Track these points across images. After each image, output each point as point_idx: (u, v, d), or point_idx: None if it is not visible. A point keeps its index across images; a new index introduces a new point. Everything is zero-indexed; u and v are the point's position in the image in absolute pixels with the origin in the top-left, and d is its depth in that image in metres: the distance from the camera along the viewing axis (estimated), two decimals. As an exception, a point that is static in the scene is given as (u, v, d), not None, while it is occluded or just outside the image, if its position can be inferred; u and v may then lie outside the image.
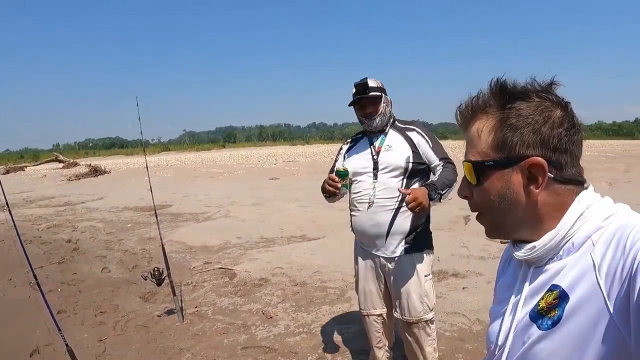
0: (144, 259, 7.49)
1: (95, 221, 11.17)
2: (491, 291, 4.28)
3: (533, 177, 1.02)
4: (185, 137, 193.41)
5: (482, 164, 1.06)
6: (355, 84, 3.24)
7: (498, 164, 1.05)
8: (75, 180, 22.35)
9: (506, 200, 1.06)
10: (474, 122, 1.10)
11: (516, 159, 1.03)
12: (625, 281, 0.87)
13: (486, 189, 1.07)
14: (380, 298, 3.40)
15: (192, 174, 23.27)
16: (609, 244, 0.94)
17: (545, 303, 1.03)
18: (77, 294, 5.91)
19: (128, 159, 41.99)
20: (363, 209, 3.23)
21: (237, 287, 6.02)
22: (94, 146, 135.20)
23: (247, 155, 39.37)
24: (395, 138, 3.26)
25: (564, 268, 1.02)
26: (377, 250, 3.26)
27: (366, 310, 3.45)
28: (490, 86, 1.08)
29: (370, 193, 3.19)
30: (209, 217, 11.44)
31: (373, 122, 3.24)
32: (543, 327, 1.01)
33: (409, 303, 3.20)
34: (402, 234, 3.18)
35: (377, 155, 3.24)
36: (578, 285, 0.97)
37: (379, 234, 3.20)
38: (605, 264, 0.93)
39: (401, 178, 3.17)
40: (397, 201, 3.15)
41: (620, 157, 23.99)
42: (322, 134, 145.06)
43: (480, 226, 4.08)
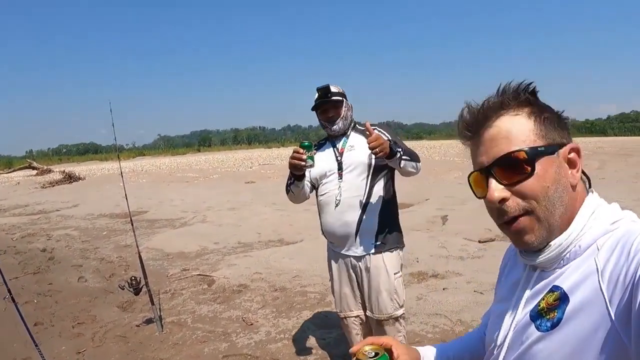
0: (120, 267, 7.42)
1: (70, 229, 11.02)
2: (471, 291, 4.37)
3: (572, 162, 1.06)
4: (160, 141, 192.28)
5: (536, 149, 1.03)
6: (318, 89, 3.33)
7: (549, 150, 1.04)
8: (49, 187, 22.08)
9: (560, 185, 1.04)
10: (501, 118, 1.07)
11: (559, 145, 1.05)
12: (628, 287, 0.88)
13: (541, 175, 1.02)
14: (356, 299, 3.47)
15: (168, 179, 23.18)
16: (613, 249, 0.96)
17: (545, 304, 1.04)
18: (54, 305, 5.83)
19: (102, 165, 41.64)
20: (330, 210, 3.31)
21: (216, 293, 5.99)
22: (68, 152, 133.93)
23: (222, 159, 39.25)
24: (357, 139, 3.34)
25: (567, 270, 1.03)
26: (347, 250, 3.34)
27: (343, 313, 3.52)
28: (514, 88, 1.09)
29: (337, 193, 3.28)
30: (185, 222, 11.38)
31: (335, 126, 3.32)
32: (542, 328, 1.02)
33: (379, 301, 3.28)
34: (371, 232, 3.27)
35: (340, 156, 3.34)
36: (579, 288, 0.97)
37: (348, 234, 3.27)
38: (608, 269, 0.94)
39: (366, 175, 3.26)
40: (363, 199, 3.24)
41: (594, 154, 24.32)
42: (297, 137, 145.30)
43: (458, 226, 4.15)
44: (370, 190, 3.28)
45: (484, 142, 1.08)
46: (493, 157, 1.05)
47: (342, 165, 3.31)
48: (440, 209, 10.97)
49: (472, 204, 11.13)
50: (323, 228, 3.46)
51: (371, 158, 3.23)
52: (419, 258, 6.89)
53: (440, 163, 23.36)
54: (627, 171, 17.36)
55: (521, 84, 1.08)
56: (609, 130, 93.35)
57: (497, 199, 1.03)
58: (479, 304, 5.01)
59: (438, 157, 27.41)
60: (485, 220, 6.23)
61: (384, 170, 3.33)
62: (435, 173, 19.22)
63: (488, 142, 1.07)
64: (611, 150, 28.17)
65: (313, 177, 3.43)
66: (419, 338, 4.45)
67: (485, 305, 4.94)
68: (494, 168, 1.05)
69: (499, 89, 1.10)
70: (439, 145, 44.63)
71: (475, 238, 7.99)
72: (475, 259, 6.82)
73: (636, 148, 31.21)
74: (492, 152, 1.05)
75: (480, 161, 1.08)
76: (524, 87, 1.08)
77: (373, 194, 3.29)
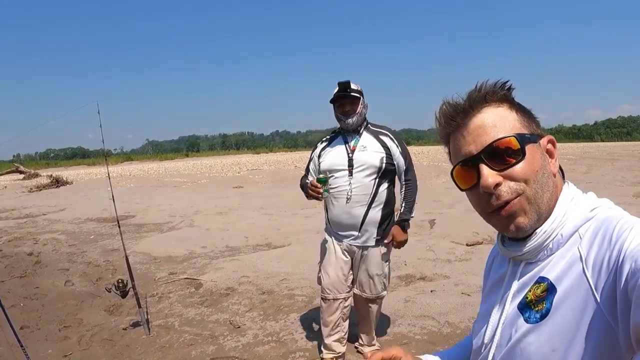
0: (107, 271, 7.37)
1: (57, 233, 10.94)
2: (459, 293, 4.42)
3: (550, 152, 1.11)
4: (148, 146, 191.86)
5: (524, 135, 1.06)
6: (339, 83, 3.63)
7: (533, 137, 1.08)
8: (36, 191, 21.92)
9: (546, 171, 1.07)
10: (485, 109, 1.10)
11: (539, 135, 1.10)
12: (611, 272, 0.90)
13: (530, 160, 1.05)
14: (346, 283, 3.87)
15: (155, 183, 23.10)
16: (595, 236, 0.98)
17: (533, 295, 1.05)
18: (40, 309, 5.78)
19: (90, 169, 41.52)
20: (341, 203, 3.69)
21: (203, 297, 5.97)
22: (55, 156, 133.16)
23: (210, 164, 39.27)
24: (369, 140, 3.70)
25: (551, 261, 1.05)
26: (350, 239, 3.76)
27: (332, 295, 3.85)
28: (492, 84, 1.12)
29: (348, 189, 3.64)
30: (173, 227, 11.33)
31: (350, 119, 3.65)
32: (531, 320, 1.03)
33: (371, 283, 3.83)
34: (374, 224, 3.71)
35: (352, 153, 3.67)
36: (565, 277, 0.99)
37: (354, 225, 3.69)
38: (592, 256, 0.96)
39: (374, 177, 3.64)
40: (370, 197, 3.66)
41: (581, 159, 24.55)
42: (285, 142, 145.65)
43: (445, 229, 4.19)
44: (377, 190, 3.68)
45: (470, 132, 1.10)
46: (482, 144, 1.06)
47: (353, 163, 3.65)
48: (429, 213, 10.99)
49: (460, 208, 11.20)
50: (330, 217, 3.83)
51: (382, 162, 3.63)
52: (406, 261, 6.92)
53: (428, 168, 23.45)
54: (613, 175, 17.56)
55: (498, 82, 1.12)
56: (596, 135, 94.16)
57: (492, 184, 1.04)
58: (466, 306, 5.05)
59: (426, 162, 27.55)
60: (473, 223, 6.31)
61: (389, 174, 3.74)
62: (423, 178, 19.26)
63: (475, 130, 1.09)
64: (598, 155, 28.46)
65: (322, 169, 3.78)
66: (406, 340, 4.46)
67: (473, 307, 5.00)
68: (484, 155, 1.06)
69: (477, 86, 1.12)
70: (427, 151, 44.86)
71: (462, 241, 8.02)
72: (463, 262, 6.86)
73: (622, 153, 31.56)
74: (481, 140, 1.07)
75: (468, 150, 1.09)
76: (501, 84, 1.12)
77: (379, 193, 3.69)
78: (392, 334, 4.60)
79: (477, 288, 5.56)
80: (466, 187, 1.12)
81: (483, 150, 1.06)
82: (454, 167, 1.14)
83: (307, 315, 5.14)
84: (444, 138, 1.19)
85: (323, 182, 3.53)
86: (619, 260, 0.88)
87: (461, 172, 1.12)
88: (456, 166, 1.13)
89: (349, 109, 3.65)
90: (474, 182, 1.08)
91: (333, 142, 3.85)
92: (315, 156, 3.95)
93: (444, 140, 1.20)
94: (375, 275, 3.79)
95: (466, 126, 1.10)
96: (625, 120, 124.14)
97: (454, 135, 1.15)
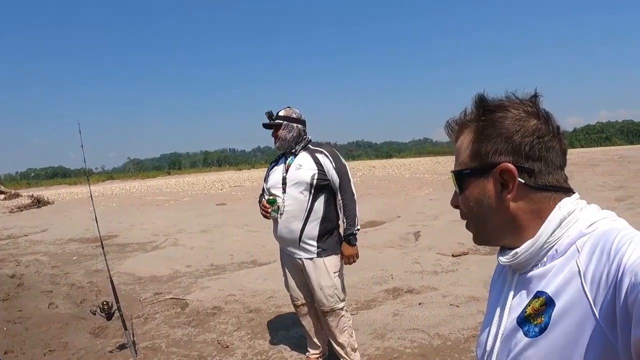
0: (92, 293, 7.29)
1: (39, 254, 10.79)
2: (447, 305, 4.45)
3: (505, 183, 1.07)
4: (130, 164, 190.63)
5: (461, 172, 1.14)
6: (265, 112, 4.07)
7: (474, 172, 1.11)
8: (17, 212, 21.69)
9: (483, 207, 1.11)
10: (460, 136, 1.18)
11: (489, 166, 1.08)
12: (610, 287, 0.89)
13: (466, 196, 1.14)
14: (304, 290, 4.16)
15: (138, 202, 22.97)
16: (594, 250, 0.97)
17: (531, 309, 1.04)
18: (24, 332, 5.69)
19: (71, 189, 41.24)
20: (280, 218, 3.94)
21: (190, 317, 5.91)
22: (36, 176, 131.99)
23: (193, 181, 39.18)
24: (304, 158, 3.97)
25: (548, 274, 1.04)
26: (294, 252, 3.99)
27: (295, 301, 4.27)
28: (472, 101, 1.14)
29: (281, 204, 3.91)
30: (156, 246, 11.25)
31: (277, 144, 4.06)
32: (530, 334, 1.03)
33: (321, 296, 3.93)
34: (312, 238, 3.90)
35: (286, 172, 3.97)
36: (564, 291, 0.98)
37: (293, 239, 3.93)
38: (590, 271, 0.95)
39: (308, 193, 3.87)
40: (306, 212, 3.88)
41: (561, 167, 24.73)
42: (267, 158, 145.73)
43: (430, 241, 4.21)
44: (312, 205, 3.88)
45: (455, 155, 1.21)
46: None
47: (287, 181, 3.93)
48: (413, 225, 11.02)
49: (444, 219, 11.24)
50: (275, 234, 4.10)
51: (313, 178, 3.85)
52: (393, 275, 6.91)
53: (411, 180, 23.53)
54: (594, 180, 17.80)
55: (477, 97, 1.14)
56: (575, 142, 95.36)
57: (452, 205, 1.22)
58: (455, 317, 5.04)
59: (408, 175, 27.63)
60: (458, 234, 6.32)
61: (324, 189, 3.93)
62: (406, 190, 19.35)
63: (455, 154, 1.20)
64: (579, 161, 28.74)
65: (267, 188, 4.14)
66: (397, 354, 4.44)
67: (462, 318, 5.00)
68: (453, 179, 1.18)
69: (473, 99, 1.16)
70: (409, 163, 45.05)
71: (448, 252, 8.05)
72: (450, 273, 6.86)
73: (602, 158, 31.97)
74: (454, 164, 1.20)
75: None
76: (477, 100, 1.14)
77: (314, 208, 3.89)
78: (382, 348, 4.58)
79: (465, 299, 5.57)
80: None
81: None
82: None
83: (296, 332, 5.10)
84: None
85: (272, 203, 3.89)
86: (618, 274, 0.87)
87: None
88: None
89: (274, 134, 4.05)
90: None
91: (278, 162, 4.19)
92: (265, 176, 4.30)
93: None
94: (324, 287, 3.91)
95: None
96: (604, 126, 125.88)
97: None
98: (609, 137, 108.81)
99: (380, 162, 63.86)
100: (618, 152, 41.45)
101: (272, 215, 3.90)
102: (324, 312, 3.99)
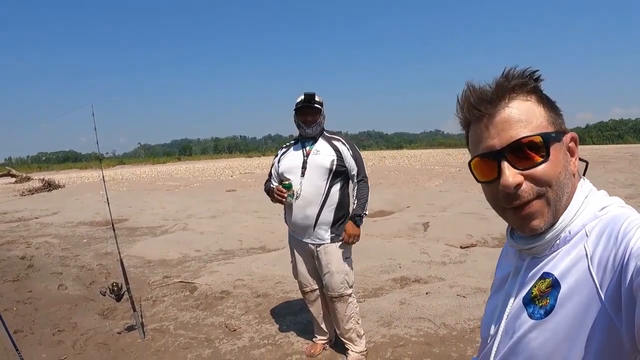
0: (101, 275, 7.33)
1: (49, 237, 10.85)
2: (454, 295, 4.45)
3: (572, 150, 1.09)
4: (141, 150, 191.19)
5: (550, 135, 1.03)
6: (305, 93, 3.96)
7: (558, 136, 1.05)
8: (28, 195, 21.80)
9: (567, 172, 1.06)
10: (513, 101, 1.06)
11: (563, 132, 1.07)
12: (617, 271, 0.90)
13: (554, 161, 1.02)
14: (313, 277, 4.21)
15: (148, 187, 23.05)
16: (602, 234, 0.97)
17: (537, 291, 1.05)
18: (34, 313, 5.75)
19: (82, 173, 41.41)
20: (295, 204, 3.92)
21: (198, 300, 5.95)
22: (47, 160, 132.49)
23: (203, 168, 39.23)
24: (323, 145, 4.00)
25: (556, 256, 1.04)
26: (307, 238, 4.01)
27: (303, 288, 4.29)
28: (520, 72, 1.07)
29: (298, 188, 3.89)
30: (166, 230, 11.30)
31: (309, 129, 3.97)
32: (535, 316, 1.03)
33: (332, 281, 3.96)
34: (327, 224, 3.93)
35: (307, 157, 3.97)
36: (570, 273, 0.99)
37: (308, 225, 3.93)
38: (597, 254, 0.95)
39: (326, 178, 3.90)
40: (322, 197, 3.90)
41: (572, 162, 24.56)
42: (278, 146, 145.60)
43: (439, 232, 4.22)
44: (329, 190, 3.92)
45: (495, 124, 1.05)
46: (507, 140, 1.03)
47: (307, 165, 3.93)
48: (422, 216, 11.00)
49: (453, 211, 11.22)
50: (287, 218, 4.12)
51: (333, 164, 3.90)
52: (401, 264, 6.91)
53: (421, 171, 23.51)
54: (605, 177, 17.64)
55: (526, 70, 1.07)
56: (588, 138, 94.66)
57: (512, 184, 1.01)
58: (462, 308, 5.04)
59: (419, 166, 27.62)
60: (466, 226, 6.32)
61: (341, 175, 3.98)
62: (416, 181, 19.34)
63: (500, 124, 1.05)
64: (590, 157, 27.84)
65: (280, 172, 4.10)
66: (403, 342, 4.45)
67: (468, 309, 5.00)
68: (507, 152, 1.03)
69: (504, 73, 1.07)
70: (420, 154, 45.00)
71: (456, 244, 8.04)
72: (457, 264, 6.86)
73: (614, 155, 31.73)
74: (506, 135, 1.04)
75: (491, 144, 1.05)
76: (530, 73, 1.07)
77: (331, 193, 3.93)
78: (388, 336, 4.59)
79: (472, 290, 5.57)
80: (484, 180, 1.10)
81: (507, 147, 1.03)
82: (472, 158, 1.11)
83: (303, 318, 5.12)
84: (464, 123, 1.15)
85: (288, 188, 3.86)
86: (625, 258, 0.88)
87: (480, 165, 1.10)
88: (475, 157, 1.10)
89: (311, 119, 3.97)
90: (493, 176, 1.06)
91: (291, 148, 4.16)
92: (276, 161, 4.27)
93: (463, 125, 1.16)
94: (334, 272, 3.94)
95: (491, 117, 1.06)
96: (617, 123, 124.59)
97: (476, 124, 1.11)
98: (622, 134, 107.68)
99: (390, 152, 63.74)
100: (630, 150, 41.10)
101: (287, 201, 3.87)
102: (333, 297, 4.02)
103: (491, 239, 8.35)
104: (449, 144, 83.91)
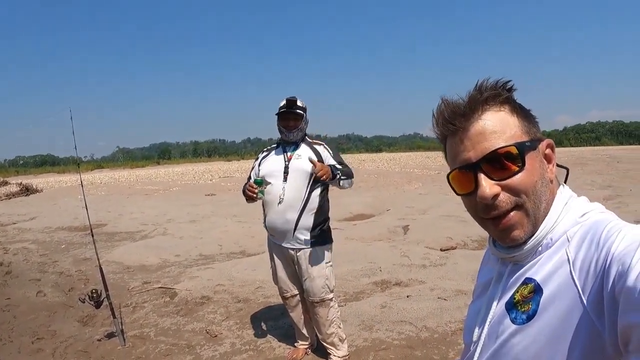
0: (80, 281, 7.26)
1: (27, 242, 10.74)
2: (435, 298, 4.47)
3: (548, 157, 1.10)
4: (119, 153, 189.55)
5: (524, 144, 1.04)
6: (287, 99, 4.00)
7: (533, 145, 1.06)
8: (5, 199, 21.56)
9: (544, 180, 1.07)
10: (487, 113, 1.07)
11: (538, 140, 1.08)
12: (599, 275, 0.91)
13: (530, 170, 1.03)
14: (293, 282, 4.19)
15: (127, 191, 22.90)
16: (583, 240, 0.99)
17: (520, 296, 1.06)
18: (12, 320, 5.67)
19: (60, 177, 40.98)
20: (274, 207, 3.90)
21: (178, 306, 5.92)
22: (25, 164, 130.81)
23: (182, 171, 39.05)
24: (304, 150, 4.01)
25: (538, 262, 1.05)
26: (286, 243, 3.97)
27: (283, 294, 4.27)
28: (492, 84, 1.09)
29: (281, 192, 3.87)
30: (145, 235, 11.23)
31: (291, 134, 4.00)
32: (517, 321, 1.04)
33: (312, 285, 3.96)
34: (307, 228, 3.90)
35: (288, 161, 3.97)
36: (552, 279, 1.00)
37: (288, 229, 3.90)
38: (579, 259, 0.97)
39: (307, 183, 3.88)
40: (303, 202, 3.87)
41: (550, 164, 24.84)
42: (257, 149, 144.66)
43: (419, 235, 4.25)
44: (309, 195, 3.90)
45: (470, 137, 1.07)
46: (482, 152, 1.04)
47: (289, 170, 3.92)
48: (402, 219, 11.04)
49: (433, 214, 11.28)
50: (267, 222, 4.06)
51: (314, 169, 3.77)
52: (382, 267, 6.94)
53: (401, 174, 23.62)
54: (583, 179, 17.89)
55: (499, 81, 1.09)
56: (565, 141, 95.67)
57: (489, 196, 1.03)
58: (443, 311, 5.07)
59: (398, 169, 27.74)
60: (446, 229, 6.36)
61: (321, 181, 3.87)
62: (395, 184, 19.43)
63: (475, 136, 1.06)
64: (567, 160, 28.90)
65: (260, 175, 4.03)
66: (384, 345, 4.47)
67: (449, 312, 5.03)
68: (483, 164, 1.04)
69: (477, 85, 1.09)
70: (399, 157, 45.16)
71: (436, 246, 8.09)
72: (438, 267, 6.89)
73: (591, 157, 32.15)
74: (480, 147, 1.05)
75: (466, 157, 1.07)
76: (502, 84, 1.09)
77: (311, 198, 3.92)
78: (370, 339, 4.60)
79: (453, 292, 5.61)
80: (462, 193, 1.11)
81: (482, 159, 1.04)
82: (450, 172, 1.13)
83: (284, 323, 5.12)
84: (441, 137, 1.17)
85: (259, 184, 3.83)
86: (607, 263, 0.89)
87: (458, 177, 1.11)
88: (453, 171, 1.12)
89: (292, 124, 3.99)
90: (471, 188, 1.07)
91: (273, 152, 4.17)
92: (257, 165, 4.25)
93: (440, 139, 1.18)
94: (315, 277, 3.94)
95: (465, 130, 1.08)
96: (594, 126, 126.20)
97: (452, 138, 1.12)
98: (599, 137, 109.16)
99: (370, 155, 63.78)
100: (608, 152, 41.62)
101: (258, 197, 3.84)
102: (314, 302, 4.01)
103: (471, 242, 8.40)
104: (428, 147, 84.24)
